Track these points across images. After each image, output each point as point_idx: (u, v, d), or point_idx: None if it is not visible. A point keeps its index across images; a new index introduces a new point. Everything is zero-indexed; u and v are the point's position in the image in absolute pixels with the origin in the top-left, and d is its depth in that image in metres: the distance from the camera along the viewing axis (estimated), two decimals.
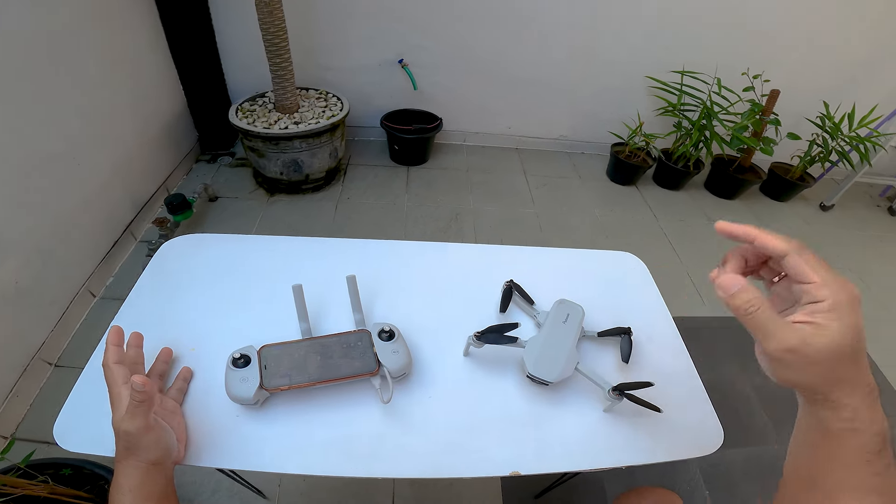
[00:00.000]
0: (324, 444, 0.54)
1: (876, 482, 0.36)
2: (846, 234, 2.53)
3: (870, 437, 0.35)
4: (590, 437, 0.59)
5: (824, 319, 0.34)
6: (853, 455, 0.36)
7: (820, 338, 0.34)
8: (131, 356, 0.55)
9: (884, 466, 0.36)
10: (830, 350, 0.34)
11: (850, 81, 2.52)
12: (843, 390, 0.35)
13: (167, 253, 0.75)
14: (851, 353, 0.34)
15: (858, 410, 0.35)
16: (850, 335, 0.34)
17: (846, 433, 0.36)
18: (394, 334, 0.59)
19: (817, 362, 0.34)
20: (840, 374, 0.35)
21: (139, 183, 1.90)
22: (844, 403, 0.35)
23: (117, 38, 1.71)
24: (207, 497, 1.17)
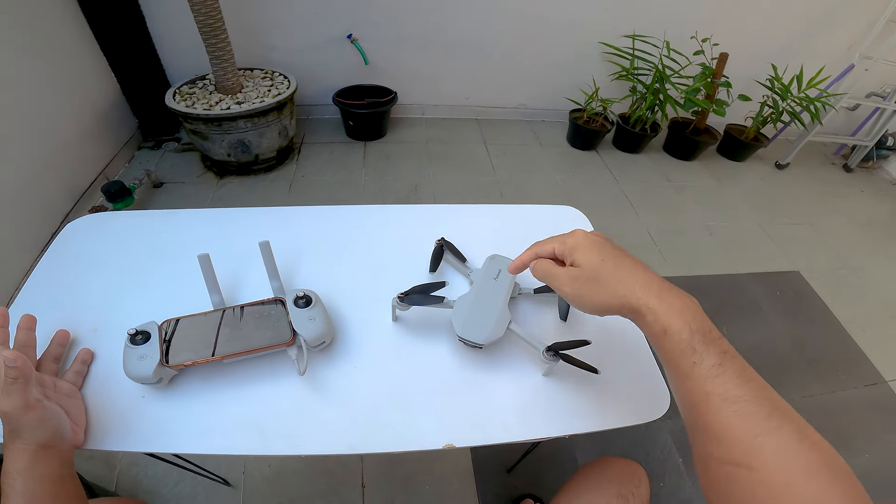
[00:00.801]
0: (240, 422, 0.51)
1: (720, 387, 0.35)
2: (802, 190, 2.60)
3: (677, 336, 0.38)
4: (528, 404, 0.55)
5: (569, 256, 0.46)
6: (680, 360, 0.38)
7: (576, 266, 0.45)
8: (21, 339, 0.50)
9: (713, 367, 0.36)
10: (585, 268, 0.44)
11: (796, 44, 2.56)
12: (627, 295, 0.41)
13: (70, 234, 0.69)
14: (603, 263, 0.43)
15: (652, 307, 0.39)
16: (592, 254, 0.44)
17: (659, 337, 0.39)
18: (311, 300, 0.55)
19: (586, 280, 0.43)
20: (615, 283, 0.42)
21: (76, 173, 1.80)
22: (638, 306, 0.40)
23: (33, 26, 1.60)
24: (171, 488, 1.13)
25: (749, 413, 0.34)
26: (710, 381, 0.36)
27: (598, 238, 0.46)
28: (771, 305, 1.83)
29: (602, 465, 0.73)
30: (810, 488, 0.31)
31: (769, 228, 2.23)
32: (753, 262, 2.02)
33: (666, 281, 0.42)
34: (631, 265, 0.43)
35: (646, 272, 0.42)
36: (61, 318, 0.57)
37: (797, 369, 1.59)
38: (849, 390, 1.56)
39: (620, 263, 0.43)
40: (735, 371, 0.36)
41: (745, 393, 0.35)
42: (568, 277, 0.45)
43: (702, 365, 0.36)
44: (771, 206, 2.40)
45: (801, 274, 1.99)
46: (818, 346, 1.70)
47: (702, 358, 0.36)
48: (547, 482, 1.23)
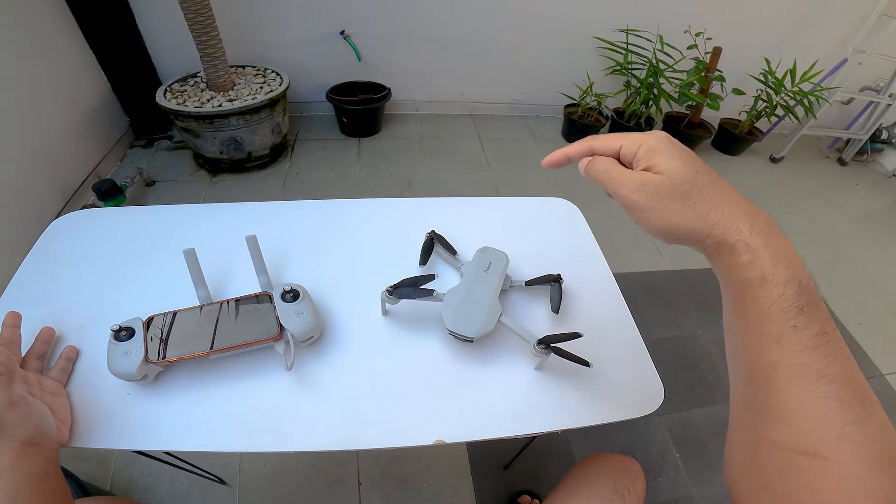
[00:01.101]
0: (227, 418, 0.50)
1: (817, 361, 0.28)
2: (797, 183, 2.60)
3: (783, 289, 0.30)
4: (520, 398, 0.54)
5: (647, 161, 0.35)
6: (777, 321, 0.30)
7: (654, 173, 0.34)
8: (6, 336, 0.50)
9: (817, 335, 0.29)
10: (668, 178, 0.34)
11: (789, 38, 2.56)
12: (721, 223, 0.32)
13: (56, 231, 0.69)
14: (693, 176, 0.33)
15: (755, 248, 0.31)
16: (679, 161, 0.34)
17: (754, 289, 0.31)
18: (298, 294, 0.54)
19: (667, 194, 0.33)
20: (704, 202, 0.33)
21: (67, 171, 1.78)
22: (734, 242, 0.31)
23: (19, 25, 1.58)
24: (165, 487, 1.12)
25: (843, 397, 0.28)
26: (810, 352, 0.28)
27: (677, 142, 0.36)
28: None
29: (598, 461, 0.73)
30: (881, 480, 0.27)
31: None
32: None
33: (763, 212, 0.33)
34: (729, 187, 0.34)
35: (748, 203, 0.33)
36: (46, 314, 0.57)
37: None
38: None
39: (716, 181, 0.34)
40: (836, 344, 0.29)
41: (842, 372, 0.28)
42: (640, 182, 0.34)
43: (804, 331, 0.29)
44: (766, 200, 2.40)
45: None
46: None
47: (807, 322, 0.29)
48: (544, 478, 1.23)
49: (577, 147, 0.40)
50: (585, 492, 0.67)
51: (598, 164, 0.38)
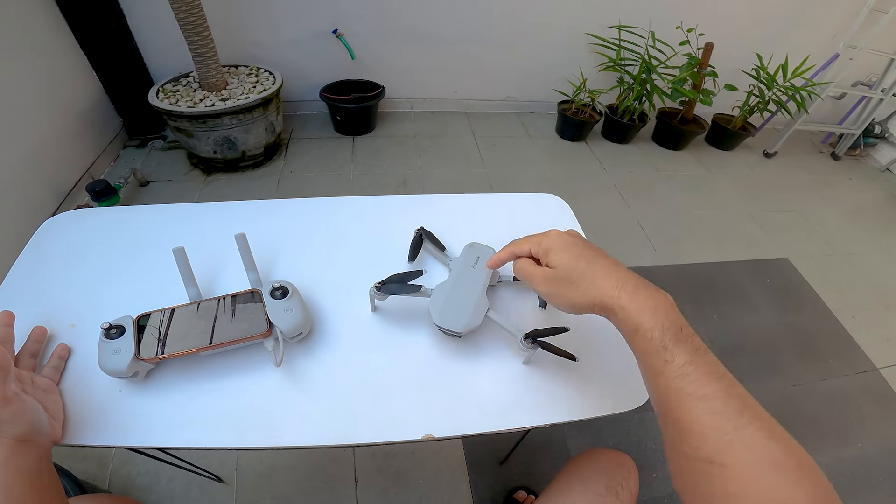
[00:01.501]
0: (217, 415, 0.51)
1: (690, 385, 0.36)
2: (791, 178, 2.62)
3: (648, 334, 0.38)
4: (508, 393, 0.55)
5: (544, 258, 0.48)
6: (652, 358, 0.38)
7: (551, 267, 0.46)
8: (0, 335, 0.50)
9: (683, 366, 0.36)
10: (560, 269, 0.45)
11: (780, 33, 2.57)
12: (602, 294, 0.42)
13: (48, 230, 0.69)
14: (576, 263, 0.45)
15: (624, 306, 0.40)
16: (567, 255, 0.45)
17: (630, 335, 0.40)
18: (287, 291, 0.55)
19: (561, 281, 0.45)
20: (586, 283, 0.43)
21: (60, 172, 1.78)
22: (611, 305, 0.41)
23: (7, 26, 1.58)
24: (163, 486, 1.13)
25: (719, 410, 0.34)
26: (681, 378, 0.36)
27: (572, 239, 0.47)
28: (760, 293, 1.83)
29: (591, 456, 0.74)
30: (778, 484, 0.32)
31: (758, 216, 2.25)
32: (742, 251, 2.03)
33: (641, 279, 0.43)
34: (604, 265, 0.44)
35: (619, 271, 0.43)
36: (39, 313, 0.57)
37: (787, 357, 1.58)
38: (840, 378, 1.56)
39: (593, 263, 0.44)
40: (706, 368, 0.36)
41: (715, 391, 0.35)
42: (543, 277, 0.47)
43: (673, 363, 0.37)
44: (759, 195, 2.42)
45: (790, 261, 2.00)
46: (808, 333, 1.69)
47: (673, 356, 0.37)
48: (540, 473, 1.24)
49: (505, 253, 0.53)
50: (579, 488, 0.68)
51: (519, 265, 0.51)
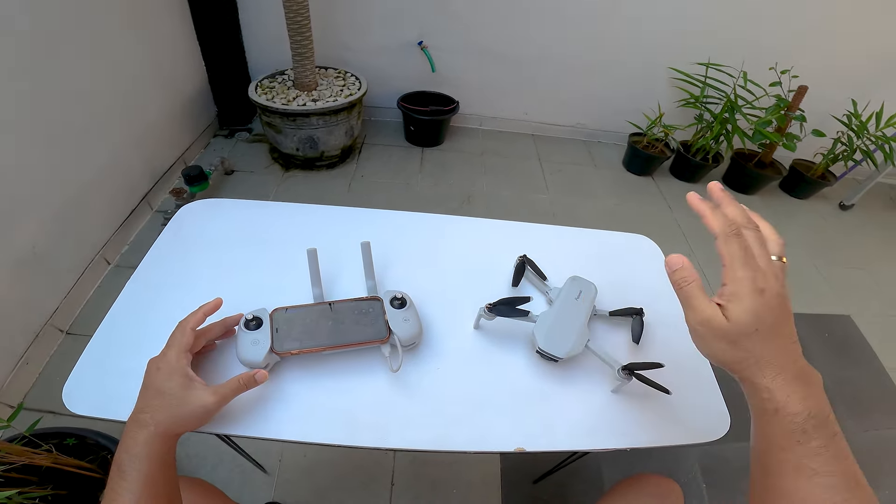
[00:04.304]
0: (329, 412, 0.54)
1: (815, 463, 0.37)
2: (863, 234, 2.48)
3: (791, 418, 0.38)
4: (596, 416, 0.58)
5: (726, 301, 0.40)
6: (781, 436, 0.38)
7: (721, 316, 0.39)
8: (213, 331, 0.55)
9: (816, 448, 0.37)
10: (729, 328, 0.39)
11: (880, 79, 2.44)
12: (753, 369, 0.39)
13: (185, 217, 0.76)
14: (752, 332, 0.39)
15: (773, 391, 0.38)
16: (748, 317, 0.38)
17: (768, 413, 0.39)
18: (405, 302, 0.59)
19: (722, 337, 0.39)
20: (746, 352, 0.39)
21: (158, 155, 1.91)
22: (758, 383, 0.39)
23: (141, 13, 1.71)
24: (209, 471, 1.19)
25: (832, 485, 0.36)
26: (809, 457, 0.37)
27: (770, 296, 0.39)
28: (817, 346, 1.79)
29: (639, 481, 0.74)
30: None
31: (825, 270, 2.15)
32: (805, 303, 1.96)
33: (803, 361, 0.40)
34: (779, 343, 0.39)
35: (788, 353, 0.40)
36: (176, 297, 0.63)
37: (834, 408, 1.53)
38: (882, 430, 1.54)
39: (771, 338, 0.39)
40: (835, 452, 0.37)
41: (835, 470, 0.37)
42: (707, 318, 0.40)
43: (807, 445, 0.37)
44: (829, 248, 2.31)
45: (851, 318, 1.93)
46: (859, 387, 1.67)
47: (808, 439, 0.37)
48: (571, 496, 1.24)
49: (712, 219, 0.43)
50: None
51: (687, 278, 0.42)
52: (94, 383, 0.55)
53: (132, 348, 0.57)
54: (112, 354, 0.57)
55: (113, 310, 0.62)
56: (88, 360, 0.57)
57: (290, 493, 1.17)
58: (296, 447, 1.24)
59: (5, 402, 1.21)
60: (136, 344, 0.57)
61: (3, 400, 1.21)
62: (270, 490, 1.17)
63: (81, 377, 0.55)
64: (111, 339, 0.59)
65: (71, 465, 0.84)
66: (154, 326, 0.57)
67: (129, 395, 0.48)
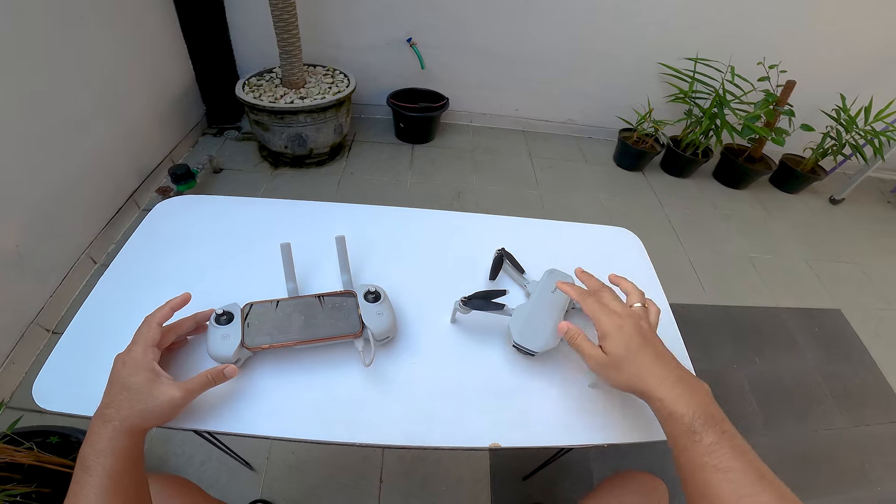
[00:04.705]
0: (302, 407, 0.54)
1: (713, 459, 0.41)
2: (854, 228, 2.49)
3: (679, 419, 0.44)
4: (573, 412, 0.58)
5: (601, 341, 0.53)
6: (678, 437, 0.44)
7: (601, 353, 0.52)
8: (164, 315, 0.53)
9: (710, 445, 0.42)
10: (610, 358, 0.51)
11: (868, 74, 2.46)
12: (642, 385, 0.48)
13: (160, 213, 0.75)
14: (626, 357, 0.50)
15: (663, 399, 0.46)
16: (617, 347, 0.50)
17: (665, 419, 0.46)
18: (380, 296, 0.58)
19: (608, 366, 0.51)
20: (631, 374, 0.49)
21: (145, 153, 1.90)
22: (650, 394, 0.47)
23: (125, 11, 1.70)
24: (195, 469, 1.18)
25: (737, 480, 0.40)
26: (706, 455, 0.42)
27: (627, 328, 0.51)
28: (807, 341, 1.80)
29: (625, 479, 0.75)
30: None
31: (815, 265, 2.16)
32: (795, 298, 1.97)
33: (682, 373, 0.48)
34: (650, 359, 0.49)
35: (664, 366, 0.49)
36: (150, 293, 0.62)
37: (823, 403, 1.58)
38: (873, 425, 1.55)
39: (641, 357, 0.49)
40: (730, 447, 0.42)
41: (736, 464, 0.41)
42: (595, 360, 0.52)
43: (700, 442, 0.42)
44: (820, 242, 2.32)
45: (842, 313, 1.94)
46: (849, 382, 1.67)
47: (700, 437, 0.43)
48: (560, 492, 1.24)
49: (574, 293, 0.58)
50: None
51: (577, 341, 0.54)
52: (65, 380, 0.54)
53: (104, 345, 0.56)
54: (84, 350, 0.57)
55: (85, 306, 0.61)
56: (60, 356, 0.56)
57: (278, 491, 1.16)
58: (283, 445, 1.24)
59: None
60: (107, 340, 0.56)
61: None
62: (258, 488, 1.16)
63: (52, 374, 0.55)
64: (84, 335, 0.58)
65: (53, 463, 0.84)
66: (126, 322, 0.55)
67: (99, 392, 0.47)
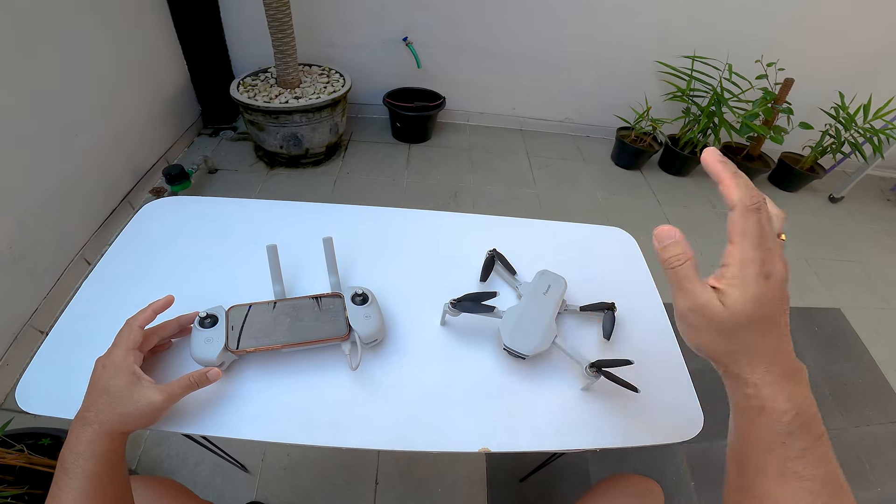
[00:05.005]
0: (288, 410, 0.53)
1: (798, 466, 0.35)
2: (854, 226, 2.48)
3: (777, 417, 0.35)
4: (565, 416, 0.57)
5: (726, 285, 0.34)
6: (765, 436, 0.36)
7: (717, 302, 0.35)
8: (146, 317, 0.52)
9: (801, 450, 0.35)
10: (725, 317, 0.34)
11: (867, 72, 2.45)
12: (742, 363, 0.36)
13: (148, 214, 0.74)
14: (749, 323, 0.34)
15: (760, 387, 0.35)
16: (748, 305, 0.34)
17: (752, 411, 0.36)
18: (367, 298, 0.57)
19: (714, 327, 0.35)
20: (739, 345, 0.35)
21: (140, 154, 1.89)
22: (745, 378, 0.36)
23: (120, 12, 1.70)
24: (189, 470, 1.17)
25: (814, 491, 0.34)
26: (793, 460, 0.35)
27: (776, 282, 0.35)
28: (807, 340, 1.79)
29: (619, 481, 0.74)
30: None
31: (815, 263, 2.15)
32: (794, 297, 1.93)
33: (793, 358, 0.37)
34: (774, 340, 0.36)
35: (780, 348, 0.36)
36: (136, 294, 0.61)
37: (824, 402, 1.57)
38: (873, 426, 1.54)
39: (765, 331, 0.35)
40: (819, 454, 0.35)
41: (818, 474, 0.35)
42: (700, 305, 0.35)
43: (791, 446, 0.35)
44: (819, 241, 2.31)
45: (842, 311, 1.93)
46: (849, 382, 1.66)
47: (793, 440, 0.35)
48: (557, 495, 1.24)
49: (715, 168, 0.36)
50: None
51: (680, 256, 0.36)
52: (49, 382, 0.54)
53: (89, 347, 0.55)
54: (68, 353, 0.56)
55: (70, 308, 0.61)
56: (44, 359, 0.56)
57: (273, 493, 1.16)
58: (278, 447, 1.23)
59: None
60: (91, 343, 0.55)
61: None
62: (253, 490, 1.16)
63: (36, 375, 0.54)
64: (68, 337, 0.58)
65: (45, 465, 0.84)
66: (110, 325, 0.54)
67: (82, 395, 0.47)
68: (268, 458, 1.21)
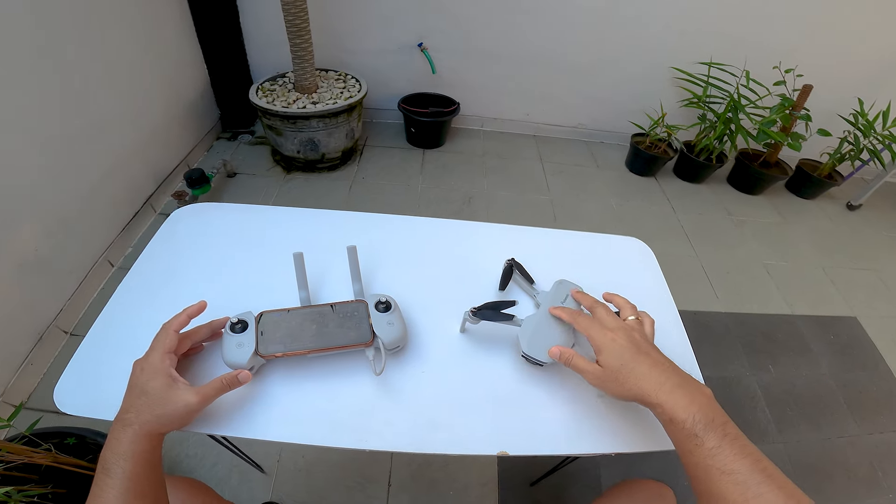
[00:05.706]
0: (313, 413, 0.55)
1: (717, 462, 0.42)
2: (872, 234, 2.45)
3: (681, 424, 0.45)
4: (582, 420, 0.58)
5: (597, 355, 0.54)
6: (682, 442, 0.46)
7: (599, 367, 0.53)
8: (182, 321, 0.54)
9: (712, 449, 0.43)
10: (607, 371, 0.52)
11: (887, 78, 2.41)
12: (641, 393, 0.49)
13: (178, 220, 0.77)
14: (622, 367, 0.51)
15: (661, 403, 0.47)
16: (613, 359, 0.52)
17: (667, 424, 0.48)
18: (390, 306, 0.59)
19: (608, 379, 0.52)
20: (629, 382, 0.50)
21: (161, 158, 1.93)
22: (651, 401, 0.48)
23: (144, 16, 1.73)
24: (207, 470, 1.20)
25: (742, 481, 0.41)
26: (710, 458, 0.43)
27: (620, 340, 0.53)
28: (822, 348, 1.78)
29: (631, 486, 0.74)
30: None
31: (832, 272, 2.13)
32: (810, 305, 1.94)
33: (682, 378, 0.50)
34: (647, 368, 0.50)
35: (661, 373, 0.50)
36: (166, 299, 0.64)
37: (838, 410, 1.56)
38: (887, 433, 1.52)
39: (637, 366, 0.51)
40: (733, 449, 0.43)
41: (740, 466, 0.41)
42: (593, 375, 0.53)
43: (702, 446, 0.43)
44: (837, 249, 2.28)
45: (858, 320, 1.91)
46: (865, 390, 1.65)
47: (702, 441, 0.44)
48: (568, 498, 1.24)
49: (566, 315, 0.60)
50: None
51: (574, 361, 0.55)
52: (86, 384, 0.56)
53: (123, 350, 0.57)
54: (103, 356, 0.58)
55: (105, 312, 0.63)
56: (80, 361, 0.58)
57: (289, 494, 1.18)
58: (294, 448, 1.25)
59: (9, 403, 1.23)
60: (126, 345, 0.58)
61: (8, 400, 1.23)
62: (268, 490, 1.18)
63: (73, 378, 0.56)
64: (103, 340, 0.60)
65: (70, 464, 0.85)
66: (144, 328, 0.57)
67: (119, 396, 0.49)
68: (283, 460, 1.23)
